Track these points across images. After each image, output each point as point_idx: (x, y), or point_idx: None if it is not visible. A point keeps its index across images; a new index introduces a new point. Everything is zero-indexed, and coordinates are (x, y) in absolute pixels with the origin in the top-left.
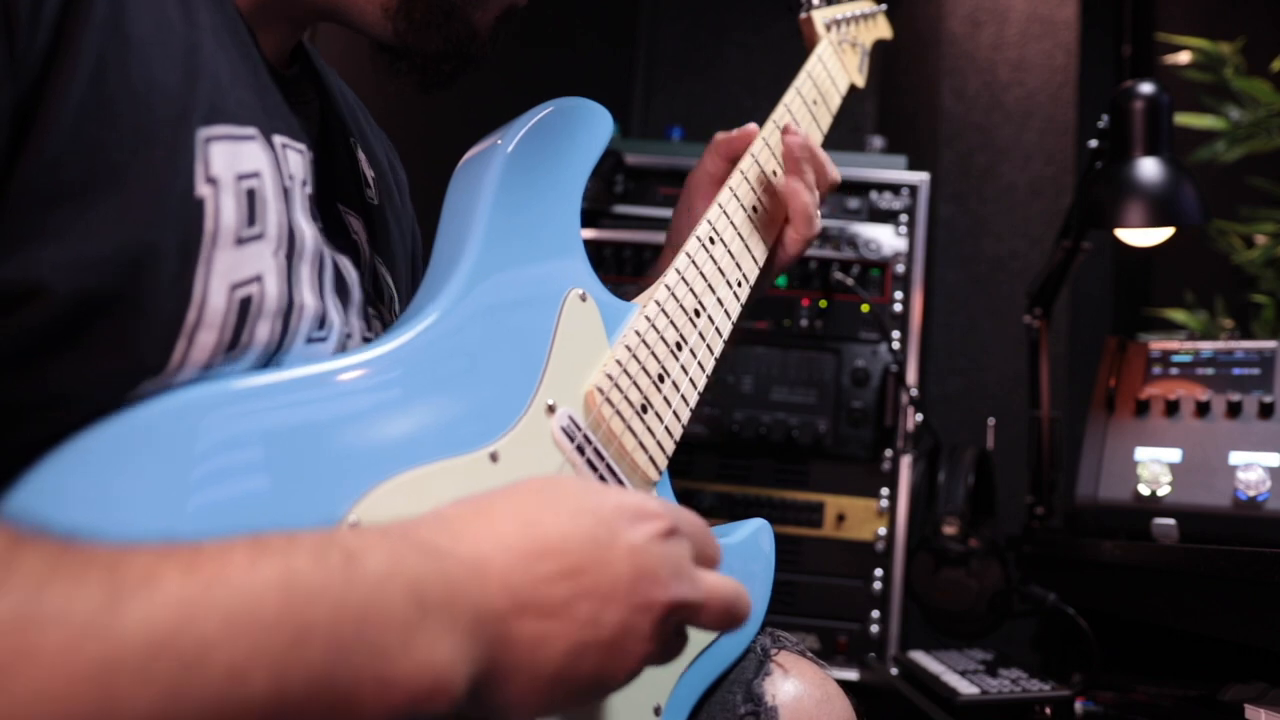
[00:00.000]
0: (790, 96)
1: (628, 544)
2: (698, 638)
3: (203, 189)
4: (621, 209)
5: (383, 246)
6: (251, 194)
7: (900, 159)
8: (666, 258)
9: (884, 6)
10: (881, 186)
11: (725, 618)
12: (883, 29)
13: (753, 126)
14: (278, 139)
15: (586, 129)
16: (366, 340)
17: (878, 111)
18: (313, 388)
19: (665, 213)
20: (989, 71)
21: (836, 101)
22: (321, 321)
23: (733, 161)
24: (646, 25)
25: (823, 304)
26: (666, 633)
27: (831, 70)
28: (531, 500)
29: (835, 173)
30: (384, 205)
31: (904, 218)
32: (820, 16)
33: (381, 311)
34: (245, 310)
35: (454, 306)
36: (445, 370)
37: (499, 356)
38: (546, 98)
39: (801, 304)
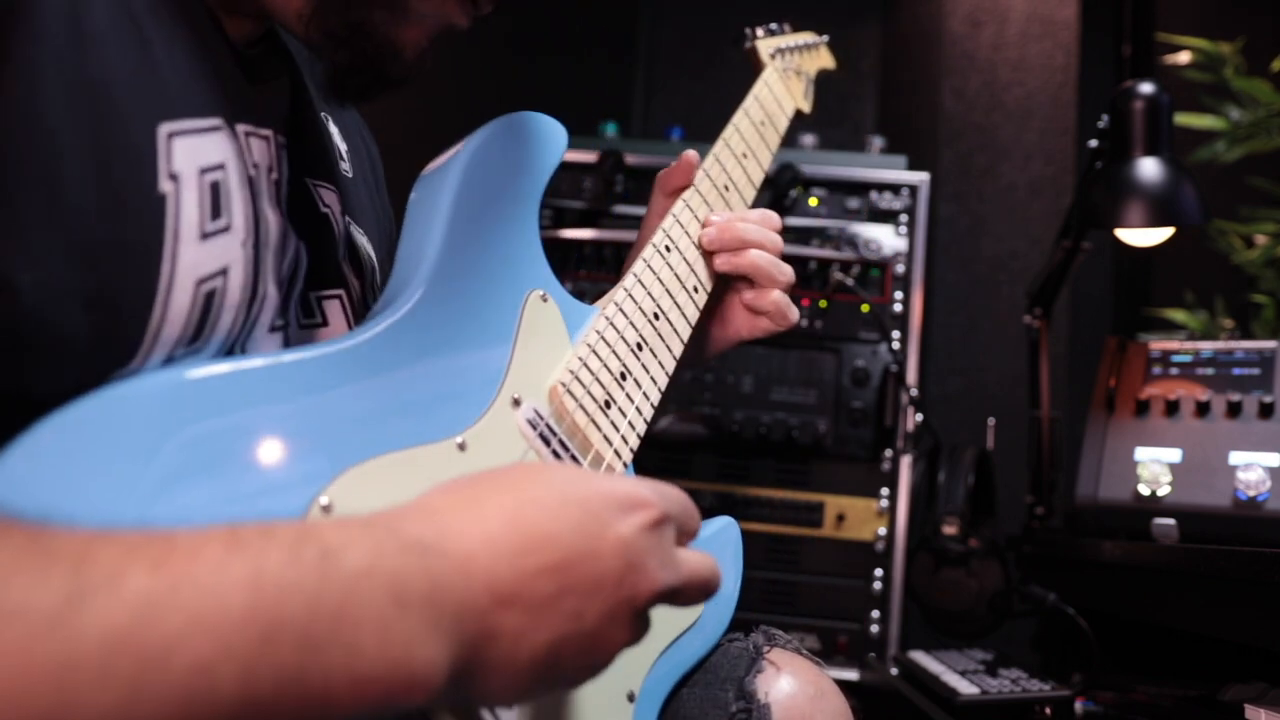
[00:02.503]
0: (738, 118)
1: (617, 536)
2: (669, 627)
3: (165, 185)
4: (621, 209)
5: (358, 215)
6: (216, 186)
7: (900, 159)
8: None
9: (826, 38)
10: (881, 186)
11: (701, 595)
12: (826, 59)
13: (691, 154)
14: (241, 127)
15: (541, 142)
16: (303, 327)
17: (878, 111)
18: (287, 376)
19: None
20: (989, 71)
21: (784, 124)
22: (284, 309)
23: (677, 193)
24: (646, 25)
25: (823, 304)
26: (645, 619)
27: (778, 94)
28: (519, 491)
29: (772, 238)
30: (358, 177)
31: (904, 218)
32: (764, 46)
33: (363, 280)
34: (209, 303)
35: (419, 304)
36: (413, 364)
37: (464, 353)
38: (546, 99)
39: (801, 304)
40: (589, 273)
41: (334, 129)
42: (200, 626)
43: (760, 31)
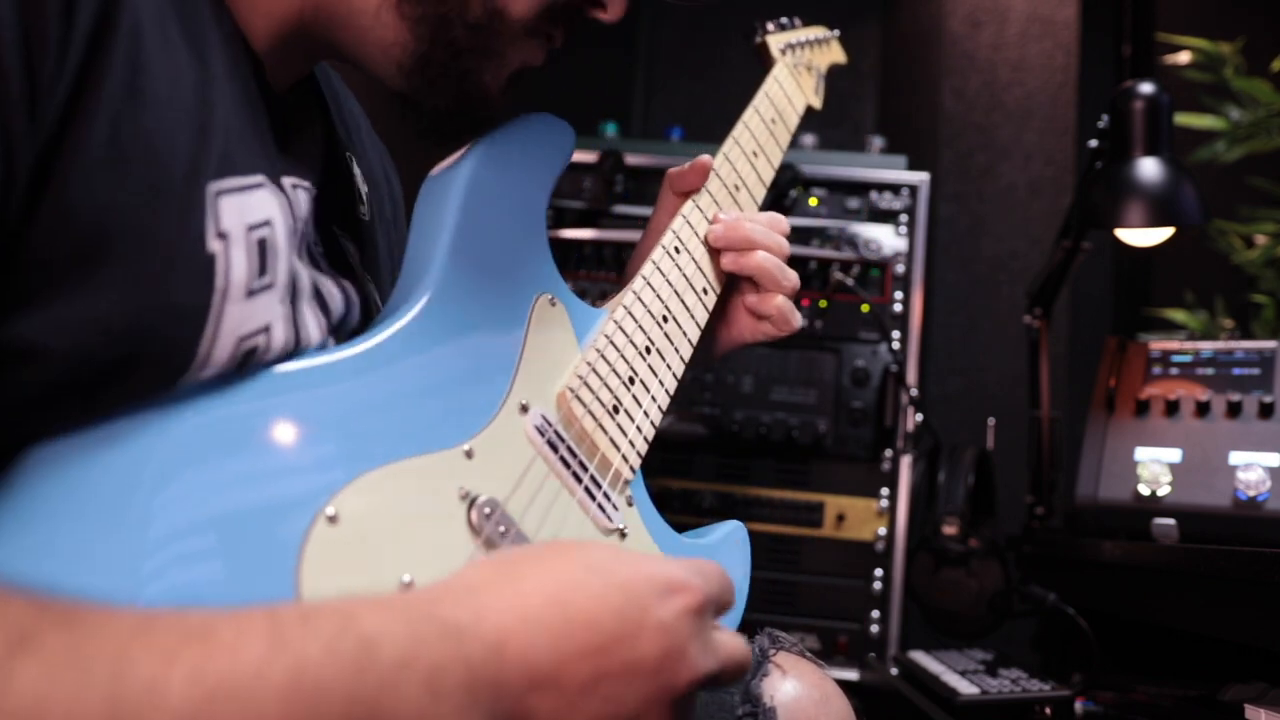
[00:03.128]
0: (749, 114)
1: (658, 622)
2: None
3: (214, 244)
4: (621, 209)
5: (370, 263)
6: (263, 244)
7: (900, 159)
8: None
9: (837, 32)
10: (881, 186)
11: (735, 678)
12: (836, 54)
13: (705, 158)
14: (287, 180)
15: (549, 142)
16: None
17: (878, 111)
18: (290, 384)
19: None
20: (989, 71)
21: (794, 120)
22: (322, 350)
23: (687, 195)
24: (646, 25)
25: (823, 304)
26: (687, 707)
27: (788, 91)
28: (561, 571)
29: (780, 242)
30: (374, 220)
31: (904, 218)
32: (775, 41)
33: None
34: (248, 359)
35: (426, 309)
36: (418, 370)
37: (471, 359)
38: (547, 99)
39: (802, 304)
40: (589, 273)
41: (357, 170)
42: None
43: (771, 26)
